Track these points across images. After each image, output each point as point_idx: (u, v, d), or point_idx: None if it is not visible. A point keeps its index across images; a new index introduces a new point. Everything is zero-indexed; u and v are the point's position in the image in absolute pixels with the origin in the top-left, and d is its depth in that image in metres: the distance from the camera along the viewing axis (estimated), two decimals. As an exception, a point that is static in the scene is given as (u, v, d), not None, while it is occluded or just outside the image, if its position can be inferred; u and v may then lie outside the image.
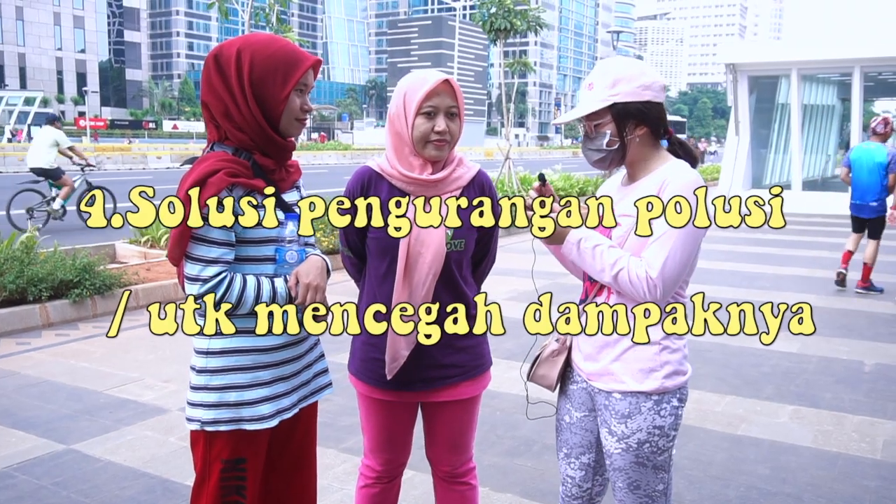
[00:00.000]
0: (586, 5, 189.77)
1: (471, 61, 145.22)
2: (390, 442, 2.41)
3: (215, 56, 1.99)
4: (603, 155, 2.12)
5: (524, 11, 15.42)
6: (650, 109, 2.07)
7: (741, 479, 3.67)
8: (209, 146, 2.06)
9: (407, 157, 2.22)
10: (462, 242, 2.27)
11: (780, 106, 20.28)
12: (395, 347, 2.24)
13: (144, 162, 33.52)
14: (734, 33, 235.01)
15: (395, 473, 2.47)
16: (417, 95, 2.16)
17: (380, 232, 2.23)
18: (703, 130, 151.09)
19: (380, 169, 2.27)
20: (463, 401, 2.37)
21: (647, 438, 2.07)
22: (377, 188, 2.26)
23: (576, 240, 2.06)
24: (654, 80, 2.08)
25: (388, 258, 2.24)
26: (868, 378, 5.31)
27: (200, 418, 2.01)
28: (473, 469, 2.51)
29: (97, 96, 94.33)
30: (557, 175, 17.90)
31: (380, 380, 2.30)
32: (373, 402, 2.37)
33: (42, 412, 4.43)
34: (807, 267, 10.01)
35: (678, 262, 1.99)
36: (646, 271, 1.99)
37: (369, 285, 2.33)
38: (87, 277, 6.65)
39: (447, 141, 2.20)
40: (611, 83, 2.07)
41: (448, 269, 2.25)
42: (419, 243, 2.20)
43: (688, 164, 2.10)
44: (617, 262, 2.01)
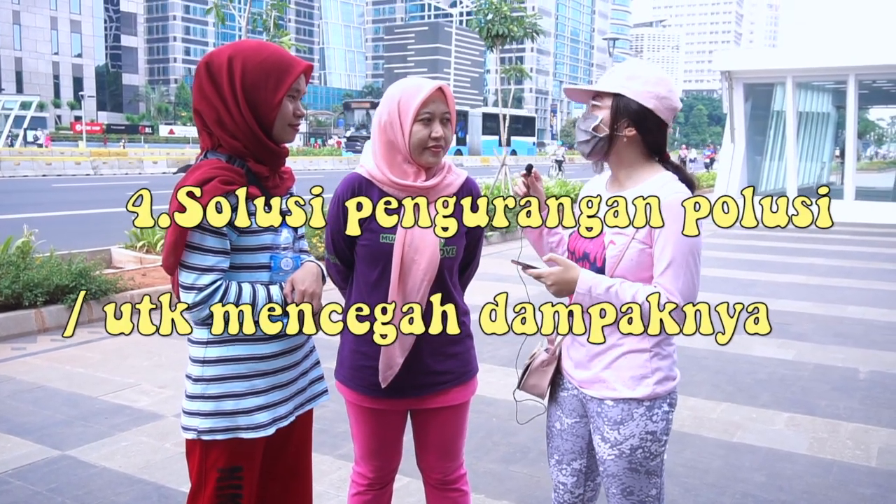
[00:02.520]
0: (583, 12, 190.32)
1: (467, 67, 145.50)
2: (381, 449, 2.40)
3: (206, 64, 1.98)
4: (587, 137, 2.13)
5: (521, 18, 15.45)
6: (648, 117, 2.07)
7: (737, 487, 3.67)
8: (202, 154, 2.05)
9: (400, 165, 2.22)
10: (454, 249, 2.28)
11: (775, 113, 20.36)
12: (389, 355, 2.23)
13: (140, 167, 33.49)
14: (730, 41, 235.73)
15: (386, 480, 2.47)
16: (414, 102, 2.17)
17: (371, 238, 2.23)
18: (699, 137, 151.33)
19: (370, 176, 2.26)
20: (454, 406, 2.37)
21: (639, 444, 2.08)
22: (368, 195, 2.25)
23: (585, 289, 2.05)
24: (667, 95, 2.08)
25: (381, 265, 2.23)
26: (863, 385, 5.32)
27: (197, 427, 2.01)
28: (465, 475, 2.51)
29: (94, 101, 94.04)
30: (554, 181, 17.92)
31: (370, 387, 2.29)
32: (363, 410, 2.36)
33: (37, 418, 4.42)
34: (803, 274, 10.03)
35: (693, 277, 2.03)
36: (668, 298, 2.01)
37: (357, 293, 2.31)
38: (83, 282, 6.63)
39: (442, 147, 2.22)
40: (627, 76, 2.09)
41: (441, 276, 2.26)
42: (413, 250, 2.19)
43: (676, 177, 2.10)
44: (636, 297, 2.02)
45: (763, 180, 20.67)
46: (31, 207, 16.25)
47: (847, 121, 18.69)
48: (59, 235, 10.66)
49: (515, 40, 15.45)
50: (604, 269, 2.09)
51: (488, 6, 15.17)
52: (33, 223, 8.18)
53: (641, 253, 2.05)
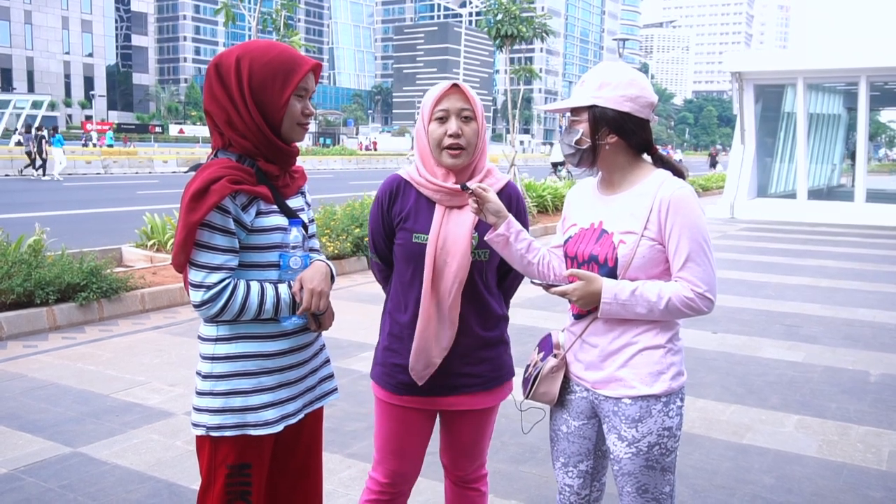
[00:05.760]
0: (592, 13, 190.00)
1: (476, 68, 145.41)
2: (401, 451, 2.40)
3: (216, 65, 2.00)
4: (573, 151, 2.16)
5: (530, 18, 15.46)
6: (627, 121, 2.09)
7: (746, 489, 3.66)
8: (213, 153, 2.07)
9: (432, 167, 2.28)
10: (486, 253, 2.30)
11: (785, 115, 20.27)
12: (428, 355, 2.26)
13: (151, 166, 33.62)
14: (740, 42, 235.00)
15: (399, 490, 2.45)
16: (430, 101, 2.23)
17: (405, 237, 2.28)
18: (709, 139, 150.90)
19: (409, 177, 2.33)
20: (480, 410, 2.39)
21: (657, 441, 2.10)
22: (405, 195, 2.31)
23: (611, 297, 2.06)
24: (640, 94, 2.09)
25: (413, 265, 2.28)
26: (873, 388, 5.30)
27: (206, 424, 2.02)
28: (485, 476, 2.54)
29: (104, 100, 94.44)
30: (563, 182, 17.90)
31: (398, 385, 2.33)
32: (389, 407, 2.38)
33: (49, 415, 4.45)
34: (812, 276, 9.99)
35: (712, 264, 2.08)
36: (692, 290, 2.05)
37: (395, 291, 2.37)
38: (94, 281, 6.67)
39: (462, 147, 2.22)
40: (598, 85, 2.11)
41: (471, 279, 2.28)
42: (445, 252, 2.22)
43: (670, 173, 2.14)
44: (661, 294, 2.05)
45: (773, 182, 20.58)
46: (42, 206, 16.36)
47: (858, 123, 18.59)
48: (71, 234, 10.72)
49: (525, 41, 15.46)
50: (615, 270, 2.10)
51: (498, 6, 15.17)
52: (45, 222, 8.23)
53: (652, 249, 2.07)
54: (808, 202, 18.43)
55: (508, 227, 2.27)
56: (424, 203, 2.28)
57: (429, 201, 2.28)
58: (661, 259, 2.09)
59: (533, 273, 2.31)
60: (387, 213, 2.34)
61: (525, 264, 2.31)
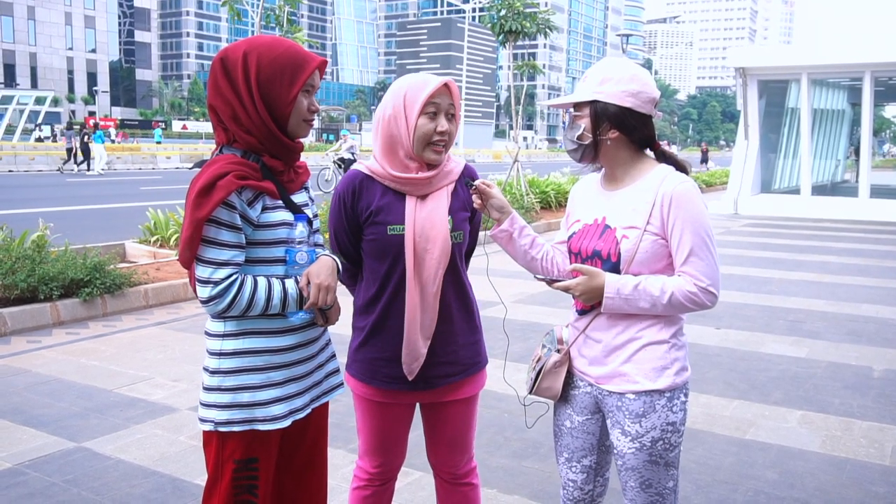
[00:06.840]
0: (596, 8, 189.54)
1: (480, 63, 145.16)
2: (386, 445, 2.39)
3: (222, 59, 1.99)
4: (575, 146, 2.18)
5: (533, 14, 15.39)
6: (628, 117, 2.09)
7: (749, 484, 3.67)
8: (218, 149, 2.07)
9: (401, 160, 2.22)
10: (461, 234, 2.29)
11: (789, 110, 20.23)
12: (413, 346, 2.24)
13: (154, 162, 33.63)
14: (744, 37, 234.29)
15: (388, 477, 2.45)
16: (421, 95, 2.16)
17: (378, 231, 2.22)
18: (712, 134, 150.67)
19: (370, 171, 2.26)
20: (464, 399, 2.38)
21: (660, 436, 2.10)
22: (370, 190, 2.25)
23: (614, 291, 2.07)
24: (641, 89, 2.09)
25: (390, 258, 2.23)
26: (877, 384, 5.30)
27: (213, 419, 2.02)
28: (475, 468, 2.52)
29: (107, 96, 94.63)
30: (566, 178, 17.88)
31: (382, 380, 2.30)
32: (372, 404, 2.35)
33: (53, 410, 4.46)
34: (816, 272, 9.98)
35: (715, 259, 2.09)
36: (695, 284, 2.05)
37: (367, 287, 2.32)
38: (97, 276, 6.69)
39: (446, 143, 2.22)
40: (600, 80, 2.11)
41: (453, 262, 2.27)
42: (424, 239, 2.20)
43: (673, 168, 2.14)
44: (664, 288, 2.05)
45: (777, 178, 20.55)
46: (46, 202, 16.39)
47: (862, 118, 18.54)
48: (74, 230, 10.74)
49: (528, 36, 15.40)
50: (619, 264, 2.10)
51: (501, 2, 15.12)
52: (48, 217, 8.24)
53: (655, 244, 2.08)
54: (811, 198, 18.40)
55: (512, 223, 2.28)
56: (392, 195, 2.24)
57: (396, 193, 2.24)
58: (664, 254, 2.09)
59: (536, 268, 2.32)
60: (351, 210, 2.26)
61: (528, 259, 2.32)
